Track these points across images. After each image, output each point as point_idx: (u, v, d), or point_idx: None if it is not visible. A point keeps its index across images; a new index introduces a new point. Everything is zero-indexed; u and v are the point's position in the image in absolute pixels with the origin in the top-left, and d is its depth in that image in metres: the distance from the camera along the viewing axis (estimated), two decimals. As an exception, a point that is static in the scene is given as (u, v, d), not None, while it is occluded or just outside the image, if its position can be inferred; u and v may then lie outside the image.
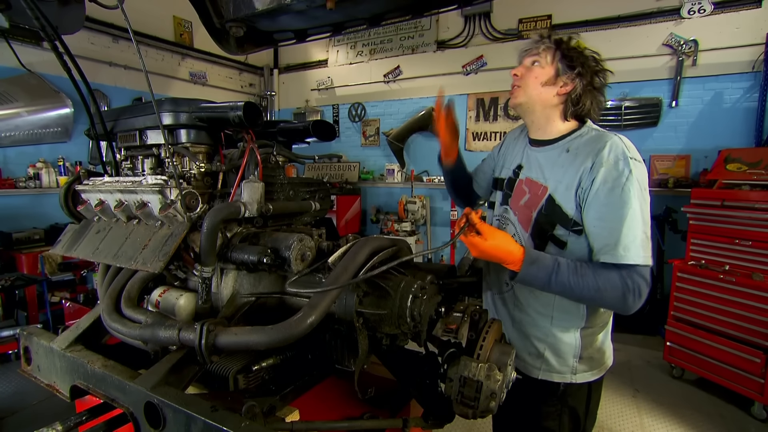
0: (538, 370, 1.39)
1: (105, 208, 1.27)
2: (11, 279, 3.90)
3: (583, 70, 1.31)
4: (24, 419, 3.05)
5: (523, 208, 1.39)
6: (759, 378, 3.03)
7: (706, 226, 3.52)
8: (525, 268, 1.19)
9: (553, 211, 1.29)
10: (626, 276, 1.15)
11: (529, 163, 1.43)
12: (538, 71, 1.35)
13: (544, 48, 1.35)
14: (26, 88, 4.61)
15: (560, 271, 1.18)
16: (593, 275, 1.17)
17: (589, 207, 1.22)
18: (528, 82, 1.36)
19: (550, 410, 1.39)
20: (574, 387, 1.37)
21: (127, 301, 1.18)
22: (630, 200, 1.16)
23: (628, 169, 1.17)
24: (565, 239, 1.29)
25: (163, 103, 1.20)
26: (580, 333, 1.35)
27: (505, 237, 1.21)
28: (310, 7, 1.64)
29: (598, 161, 1.20)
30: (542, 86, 1.34)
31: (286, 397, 1.17)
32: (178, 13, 6.25)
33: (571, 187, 1.25)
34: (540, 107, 1.37)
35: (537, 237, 1.34)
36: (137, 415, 0.94)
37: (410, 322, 1.04)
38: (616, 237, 1.16)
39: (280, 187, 1.36)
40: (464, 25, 6.05)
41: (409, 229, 6.07)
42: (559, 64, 1.33)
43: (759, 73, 4.44)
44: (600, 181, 1.19)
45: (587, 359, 1.37)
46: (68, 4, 1.49)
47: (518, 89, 1.39)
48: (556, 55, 1.33)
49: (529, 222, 1.35)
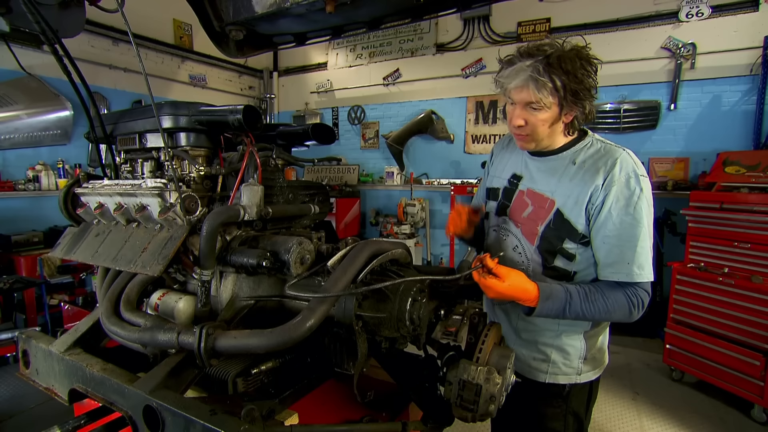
0: (545, 374, 1.39)
1: (104, 211, 1.27)
2: (10, 282, 3.89)
3: (588, 92, 1.19)
4: (22, 423, 3.04)
5: (528, 220, 1.36)
6: (759, 381, 3.03)
7: (705, 228, 3.52)
8: (541, 305, 1.19)
9: (562, 225, 1.28)
10: (631, 294, 1.21)
11: (530, 173, 1.39)
12: (543, 116, 1.21)
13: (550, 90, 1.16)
14: (26, 90, 4.61)
15: (572, 301, 1.20)
16: (603, 299, 1.21)
17: (602, 225, 1.22)
18: (536, 129, 1.24)
19: (555, 411, 1.40)
20: (578, 387, 1.40)
21: (126, 305, 1.18)
22: (642, 219, 1.19)
23: (639, 187, 1.19)
24: (574, 252, 1.29)
25: (162, 106, 1.21)
26: (584, 336, 1.37)
27: (520, 276, 1.19)
28: (309, 10, 1.65)
29: (610, 179, 1.20)
30: (549, 127, 1.25)
31: (285, 401, 1.17)
32: (178, 16, 6.26)
33: (581, 202, 1.24)
34: (547, 140, 1.31)
35: (545, 251, 1.32)
36: (136, 419, 0.94)
37: (409, 326, 1.04)
38: (630, 256, 1.19)
39: (279, 190, 1.36)
40: (463, 28, 6.07)
41: (409, 232, 6.06)
42: (563, 102, 1.18)
43: (757, 77, 4.45)
44: (612, 200, 1.20)
45: (590, 359, 1.39)
46: (68, 7, 1.49)
47: (527, 137, 1.29)
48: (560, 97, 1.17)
49: (535, 236, 1.33)
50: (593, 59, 1.21)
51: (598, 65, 1.22)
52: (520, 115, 1.25)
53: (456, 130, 6.30)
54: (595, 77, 1.20)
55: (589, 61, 1.19)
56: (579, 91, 1.17)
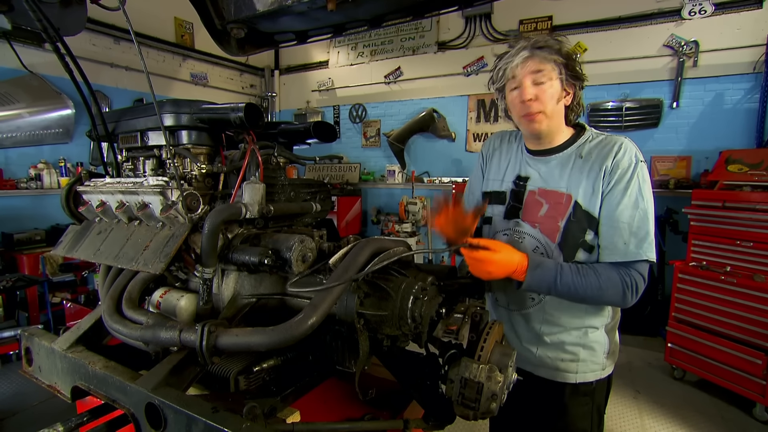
0: (574, 374, 1.39)
1: (106, 209, 1.27)
2: (12, 280, 3.91)
3: (580, 76, 1.29)
4: (25, 420, 3.05)
5: (546, 218, 1.34)
6: (760, 379, 3.03)
7: (707, 227, 3.52)
8: (530, 273, 1.20)
9: (583, 217, 1.29)
10: (624, 274, 1.21)
11: (538, 173, 1.39)
12: (549, 90, 1.26)
13: (552, 63, 1.24)
14: (28, 89, 4.62)
15: (563, 272, 1.21)
16: (595, 274, 1.22)
17: (605, 206, 1.26)
18: (546, 103, 1.27)
19: (584, 410, 1.40)
20: (602, 383, 1.41)
21: (128, 302, 1.18)
22: (641, 201, 1.22)
23: (640, 172, 1.24)
24: (593, 243, 1.29)
25: (164, 104, 1.21)
26: (605, 329, 1.39)
27: (507, 246, 1.22)
28: (311, 8, 1.64)
29: (615, 163, 1.25)
30: (557, 104, 1.29)
31: (287, 399, 1.17)
32: (180, 15, 6.27)
33: (597, 191, 1.27)
34: (555, 121, 1.32)
35: (566, 246, 1.31)
36: (138, 416, 0.94)
37: (411, 324, 1.04)
38: (626, 236, 1.21)
39: (281, 189, 1.36)
40: (465, 26, 6.06)
41: (410, 230, 6.06)
42: (563, 78, 1.27)
43: (760, 74, 4.43)
44: (615, 181, 1.24)
45: (612, 354, 1.41)
46: (70, 5, 1.49)
47: (540, 115, 1.28)
48: (562, 68, 1.26)
49: (557, 232, 1.32)
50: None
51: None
52: (531, 90, 1.27)
53: (457, 129, 6.30)
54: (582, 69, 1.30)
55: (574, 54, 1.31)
56: (574, 71, 1.27)
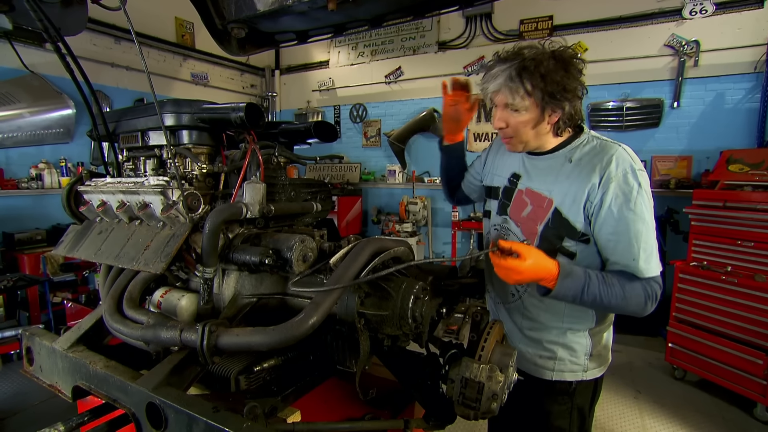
0: (551, 372, 1.39)
1: (107, 209, 1.27)
2: (13, 279, 3.91)
3: (568, 94, 1.21)
4: (26, 420, 3.06)
5: (527, 220, 1.36)
6: (761, 380, 3.02)
7: (708, 227, 3.51)
8: (560, 282, 1.16)
9: (561, 224, 1.28)
10: (646, 285, 1.20)
11: (528, 172, 1.39)
12: (522, 118, 1.25)
13: (525, 93, 1.20)
14: (28, 89, 4.62)
15: (591, 282, 1.18)
16: (620, 285, 1.19)
17: (603, 223, 1.21)
18: (518, 131, 1.28)
19: (561, 408, 1.40)
20: (583, 384, 1.40)
21: (129, 302, 1.18)
22: (643, 213, 1.19)
23: (638, 182, 1.19)
24: (573, 249, 1.28)
25: (165, 104, 1.21)
26: (589, 333, 1.38)
27: (540, 253, 1.16)
28: (311, 8, 1.64)
29: (607, 176, 1.20)
30: (532, 129, 1.27)
31: (287, 398, 1.17)
32: (180, 14, 6.26)
33: (578, 200, 1.24)
34: (535, 141, 1.32)
35: (545, 250, 1.28)
36: (139, 416, 0.94)
37: (412, 323, 1.04)
38: (635, 252, 1.18)
39: (281, 188, 1.36)
40: (465, 26, 6.05)
41: (411, 230, 6.06)
42: (542, 103, 1.21)
43: (761, 74, 4.43)
44: (612, 197, 1.19)
45: (596, 356, 1.40)
46: (71, 5, 1.49)
47: (512, 140, 1.32)
48: (537, 99, 1.20)
49: (535, 235, 1.33)
50: (576, 59, 1.22)
51: (581, 65, 1.23)
52: (501, 117, 1.29)
53: (458, 129, 6.29)
54: (578, 77, 1.22)
55: (570, 62, 1.21)
56: (556, 93, 1.19)
